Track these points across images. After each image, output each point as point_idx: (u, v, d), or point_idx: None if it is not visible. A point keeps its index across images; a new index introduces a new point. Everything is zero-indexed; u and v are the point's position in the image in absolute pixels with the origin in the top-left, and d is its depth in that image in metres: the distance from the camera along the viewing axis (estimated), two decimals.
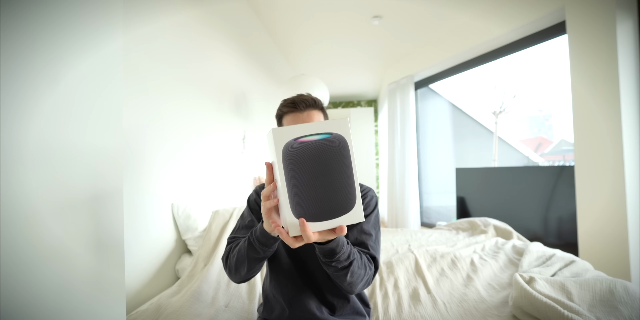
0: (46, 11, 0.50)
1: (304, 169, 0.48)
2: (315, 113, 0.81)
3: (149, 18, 1.17)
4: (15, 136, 0.45)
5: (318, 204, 0.49)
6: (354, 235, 0.78)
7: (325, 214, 0.49)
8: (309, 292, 0.80)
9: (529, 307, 0.87)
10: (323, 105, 0.84)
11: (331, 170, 0.49)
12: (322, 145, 0.49)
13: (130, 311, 0.99)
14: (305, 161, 0.48)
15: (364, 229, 0.79)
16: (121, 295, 0.62)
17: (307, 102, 0.80)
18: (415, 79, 3.30)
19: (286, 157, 0.48)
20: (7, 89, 0.44)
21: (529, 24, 2.07)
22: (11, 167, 0.44)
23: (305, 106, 0.79)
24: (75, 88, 0.54)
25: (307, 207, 0.48)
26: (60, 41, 0.52)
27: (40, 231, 0.48)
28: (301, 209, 0.48)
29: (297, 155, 0.48)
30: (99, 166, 0.59)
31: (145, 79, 1.14)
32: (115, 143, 0.63)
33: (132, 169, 1.07)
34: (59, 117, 0.51)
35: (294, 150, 0.48)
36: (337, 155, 0.49)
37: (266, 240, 0.66)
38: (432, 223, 3.39)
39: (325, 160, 0.49)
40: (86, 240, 0.56)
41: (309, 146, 0.48)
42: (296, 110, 0.79)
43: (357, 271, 0.67)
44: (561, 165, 2.50)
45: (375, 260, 0.76)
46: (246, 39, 2.19)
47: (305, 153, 0.48)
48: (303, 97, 0.81)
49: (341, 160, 0.50)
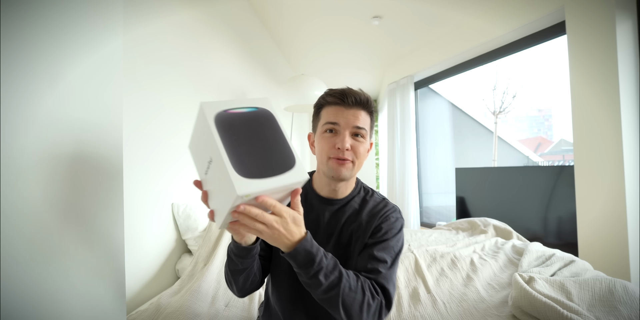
0: (46, 11, 0.50)
1: (240, 133, 0.49)
2: (364, 114, 0.69)
3: (149, 18, 1.17)
4: (15, 136, 0.45)
5: (261, 160, 0.48)
6: (363, 262, 0.65)
7: (269, 170, 0.48)
8: (301, 309, 0.71)
9: (528, 307, 0.87)
10: (374, 107, 0.73)
11: (265, 135, 0.50)
12: (252, 115, 0.52)
13: (130, 311, 0.99)
14: (240, 126, 0.50)
15: (377, 255, 0.65)
16: (121, 295, 0.62)
17: (358, 98, 0.68)
18: (415, 79, 3.30)
19: (220, 124, 0.49)
20: (7, 89, 0.44)
21: (528, 24, 2.07)
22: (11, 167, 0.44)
23: (354, 103, 0.68)
24: (75, 88, 0.54)
25: (251, 164, 0.47)
26: (60, 41, 0.52)
27: (40, 231, 0.48)
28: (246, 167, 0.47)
29: (231, 121, 0.50)
30: (99, 166, 0.59)
31: (146, 78, 1.15)
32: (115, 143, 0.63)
33: (133, 168, 1.07)
34: (59, 117, 0.52)
35: (227, 118, 0.50)
36: (268, 124, 0.52)
37: (239, 251, 0.61)
38: (432, 223, 3.39)
39: (257, 127, 0.51)
40: (86, 240, 0.56)
41: (240, 115, 0.51)
42: (343, 104, 0.68)
43: (349, 294, 0.55)
44: (561, 165, 2.50)
45: (386, 291, 0.62)
46: (246, 39, 2.19)
47: (238, 120, 0.50)
48: (354, 91, 0.69)
49: (272, 128, 0.51)
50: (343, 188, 0.73)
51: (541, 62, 2.51)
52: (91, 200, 0.57)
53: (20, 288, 0.45)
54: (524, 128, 3.31)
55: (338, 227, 0.73)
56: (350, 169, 0.68)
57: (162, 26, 1.25)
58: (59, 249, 0.51)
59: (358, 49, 3.12)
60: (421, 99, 3.54)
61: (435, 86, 3.51)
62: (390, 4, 2.28)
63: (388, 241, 0.68)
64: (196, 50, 1.51)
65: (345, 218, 0.73)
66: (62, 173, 0.52)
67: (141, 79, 1.12)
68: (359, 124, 0.68)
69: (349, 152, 0.67)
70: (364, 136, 0.69)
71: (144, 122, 1.14)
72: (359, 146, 0.68)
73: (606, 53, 1.58)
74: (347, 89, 0.70)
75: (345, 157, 0.67)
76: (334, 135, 0.68)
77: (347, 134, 0.67)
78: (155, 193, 1.19)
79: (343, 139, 0.66)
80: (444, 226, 2.23)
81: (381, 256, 0.65)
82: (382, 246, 0.67)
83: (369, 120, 0.71)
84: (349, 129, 0.67)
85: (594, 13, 1.63)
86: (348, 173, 0.68)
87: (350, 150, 0.67)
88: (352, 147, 0.67)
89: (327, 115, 0.69)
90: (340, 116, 0.68)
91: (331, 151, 0.68)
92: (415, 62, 3.19)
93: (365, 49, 3.13)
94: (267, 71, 2.70)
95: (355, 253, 0.70)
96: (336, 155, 0.67)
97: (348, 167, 0.68)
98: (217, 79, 1.73)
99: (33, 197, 0.47)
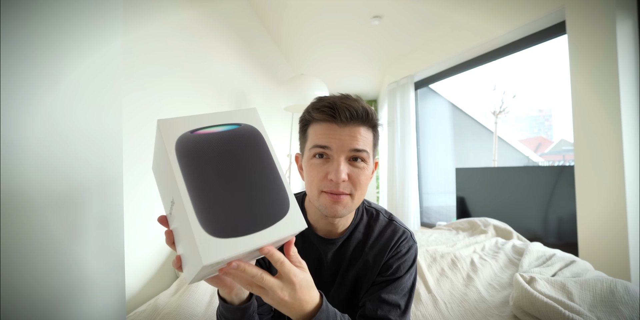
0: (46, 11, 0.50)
1: (211, 167, 0.35)
2: (363, 131, 0.53)
3: (149, 18, 1.16)
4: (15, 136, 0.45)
5: (240, 209, 0.34)
6: (373, 306, 0.55)
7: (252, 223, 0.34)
8: None
9: (529, 307, 0.87)
10: (378, 121, 0.56)
11: (248, 168, 0.36)
12: (230, 137, 0.37)
13: (130, 311, 0.98)
14: (212, 156, 0.36)
15: (387, 298, 0.55)
16: (121, 295, 0.62)
17: (354, 111, 0.52)
18: (415, 79, 3.30)
19: (182, 154, 0.34)
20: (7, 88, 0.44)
21: (528, 24, 2.07)
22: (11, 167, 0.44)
23: (350, 118, 0.52)
24: (75, 88, 0.54)
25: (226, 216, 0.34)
26: (60, 41, 0.51)
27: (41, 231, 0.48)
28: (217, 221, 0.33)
29: (200, 149, 0.35)
30: (99, 166, 0.59)
31: (145, 78, 1.14)
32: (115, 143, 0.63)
33: (132, 168, 1.07)
34: (59, 117, 0.51)
35: (194, 144, 0.35)
36: (253, 149, 0.37)
37: (231, 313, 0.47)
38: (432, 223, 3.39)
39: (238, 155, 0.37)
40: (86, 240, 0.56)
41: (214, 139, 0.37)
42: (334, 120, 0.52)
43: None
44: (561, 165, 2.50)
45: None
46: (246, 39, 2.19)
47: (211, 147, 0.36)
48: (349, 102, 0.53)
49: (259, 156, 0.37)
50: (343, 221, 0.60)
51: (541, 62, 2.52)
52: (91, 200, 0.57)
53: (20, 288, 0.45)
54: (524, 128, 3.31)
55: (343, 265, 0.62)
56: (348, 206, 0.54)
57: (162, 26, 1.24)
58: (59, 249, 0.51)
59: (358, 48, 3.12)
60: (421, 99, 3.54)
61: (435, 86, 3.51)
62: (390, 4, 2.28)
63: (400, 279, 0.57)
64: (196, 50, 1.51)
65: (349, 254, 0.62)
66: (61, 173, 0.52)
67: (141, 78, 1.12)
68: (358, 146, 0.52)
69: (345, 183, 0.52)
70: (365, 160, 0.54)
71: (144, 122, 1.13)
72: (360, 174, 0.53)
73: (606, 53, 1.58)
74: (339, 100, 0.53)
75: (341, 191, 0.52)
76: (326, 161, 0.53)
77: (342, 161, 0.52)
78: (155, 193, 1.18)
79: (337, 168, 0.51)
80: (444, 226, 2.22)
81: (393, 300, 0.55)
82: (393, 286, 0.57)
83: (371, 138, 0.55)
84: (344, 153, 0.52)
85: (594, 13, 1.63)
86: (346, 211, 0.54)
87: (347, 181, 0.52)
88: (349, 177, 0.52)
89: (315, 135, 0.54)
90: (332, 137, 0.52)
91: (323, 183, 0.53)
92: (415, 62, 3.19)
93: (365, 49, 3.13)
94: (267, 71, 2.70)
95: (362, 291, 0.61)
96: (329, 188, 0.52)
97: (345, 203, 0.53)
98: (217, 79, 1.73)
99: (32, 197, 0.47)
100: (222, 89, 1.78)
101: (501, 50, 2.43)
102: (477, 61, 2.66)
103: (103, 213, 0.60)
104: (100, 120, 0.59)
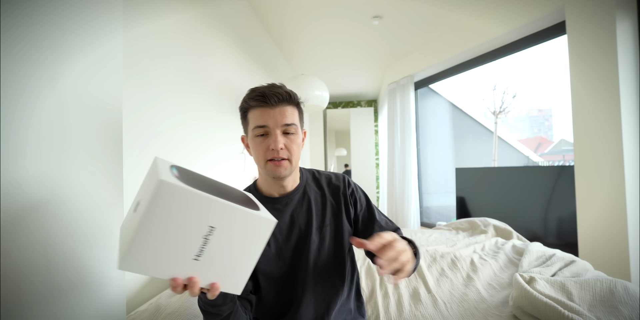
0: (46, 11, 0.50)
1: None
2: (290, 109, 0.70)
3: (149, 17, 1.16)
4: (15, 136, 0.45)
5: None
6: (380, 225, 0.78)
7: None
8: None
9: (529, 307, 0.87)
10: (300, 100, 0.73)
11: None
12: None
13: (129, 311, 0.98)
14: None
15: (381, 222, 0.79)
16: (121, 295, 0.62)
17: (279, 95, 0.68)
18: (415, 79, 3.30)
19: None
20: (7, 88, 0.44)
21: (528, 24, 2.07)
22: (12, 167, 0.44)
23: (278, 101, 0.68)
24: (75, 87, 0.54)
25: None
26: (61, 41, 0.51)
27: (41, 231, 0.48)
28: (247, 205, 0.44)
29: None
30: (99, 165, 0.59)
31: (145, 78, 1.14)
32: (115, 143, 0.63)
33: (132, 168, 1.07)
34: (59, 117, 0.51)
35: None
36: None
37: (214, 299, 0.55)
38: (432, 223, 3.39)
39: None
40: (86, 240, 0.56)
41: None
42: (266, 104, 0.68)
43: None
44: (561, 165, 2.50)
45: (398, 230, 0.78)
46: (246, 39, 2.19)
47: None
48: (275, 89, 0.69)
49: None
50: (290, 181, 0.77)
51: (541, 62, 2.51)
52: (91, 199, 0.57)
53: (20, 288, 0.45)
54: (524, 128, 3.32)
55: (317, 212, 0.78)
56: (288, 168, 0.71)
57: (162, 26, 1.24)
58: (59, 249, 0.51)
59: (358, 48, 3.12)
60: (421, 99, 3.54)
61: (435, 86, 3.51)
62: (390, 4, 2.28)
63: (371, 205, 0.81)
64: (197, 50, 1.51)
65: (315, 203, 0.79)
66: (62, 173, 0.52)
67: (141, 78, 1.12)
68: (287, 120, 0.69)
69: (283, 151, 0.69)
70: (295, 131, 0.71)
71: (143, 122, 1.13)
72: (292, 143, 0.70)
73: (606, 53, 1.58)
74: (267, 88, 0.69)
75: (281, 157, 0.69)
76: (266, 137, 0.69)
77: (278, 134, 0.68)
78: None
79: (275, 140, 0.67)
80: (444, 226, 2.23)
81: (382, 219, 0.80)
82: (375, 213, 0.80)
83: (297, 113, 0.72)
84: (278, 128, 0.68)
85: (594, 13, 1.63)
86: (288, 171, 0.71)
87: (284, 148, 0.69)
88: (285, 146, 0.69)
89: (254, 118, 0.69)
90: (267, 117, 0.68)
91: (267, 154, 0.69)
92: (415, 62, 3.19)
93: (365, 48, 3.13)
94: (268, 71, 2.70)
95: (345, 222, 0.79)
96: (272, 156, 0.69)
97: (286, 166, 0.70)
98: (218, 78, 1.73)
99: (33, 196, 0.47)
100: (222, 89, 1.78)
101: (501, 50, 2.43)
102: (477, 61, 2.66)
103: (103, 211, 0.60)
104: (100, 120, 0.59)
